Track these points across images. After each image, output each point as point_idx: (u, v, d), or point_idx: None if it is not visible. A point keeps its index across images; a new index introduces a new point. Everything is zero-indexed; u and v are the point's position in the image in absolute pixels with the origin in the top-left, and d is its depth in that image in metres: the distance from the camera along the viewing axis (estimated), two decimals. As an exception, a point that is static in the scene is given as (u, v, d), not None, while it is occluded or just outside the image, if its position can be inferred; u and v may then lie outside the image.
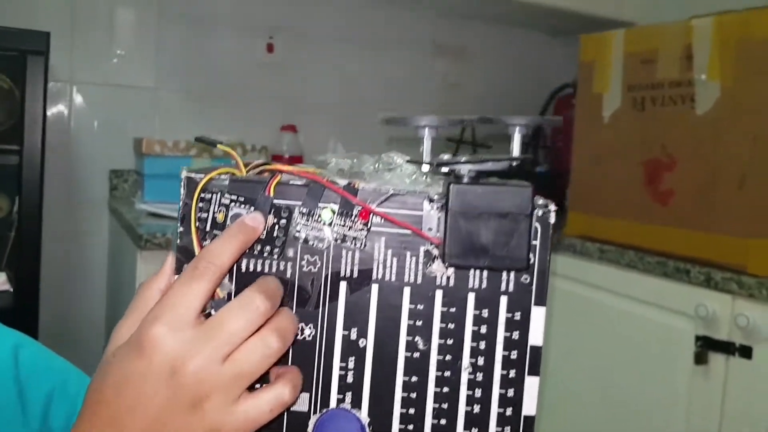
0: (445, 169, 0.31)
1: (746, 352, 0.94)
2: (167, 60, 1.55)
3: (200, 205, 0.34)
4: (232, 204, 0.34)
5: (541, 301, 0.33)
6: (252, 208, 0.33)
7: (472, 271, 0.33)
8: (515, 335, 0.33)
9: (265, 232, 0.33)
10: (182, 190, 0.34)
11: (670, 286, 1.05)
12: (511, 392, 0.33)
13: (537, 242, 0.32)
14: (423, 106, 1.78)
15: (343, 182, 0.34)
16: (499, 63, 1.88)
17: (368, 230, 0.33)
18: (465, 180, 0.30)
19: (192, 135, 1.59)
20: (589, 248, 1.18)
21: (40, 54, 1.16)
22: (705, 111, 1.03)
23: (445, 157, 0.32)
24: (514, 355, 0.33)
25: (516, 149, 0.32)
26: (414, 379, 0.34)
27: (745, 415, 0.94)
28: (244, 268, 0.34)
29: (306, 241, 0.34)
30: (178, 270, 0.33)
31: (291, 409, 0.34)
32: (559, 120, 0.33)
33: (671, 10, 1.23)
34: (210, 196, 0.34)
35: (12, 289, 1.25)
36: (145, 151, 1.39)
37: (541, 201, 0.32)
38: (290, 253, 0.34)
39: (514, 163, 0.31)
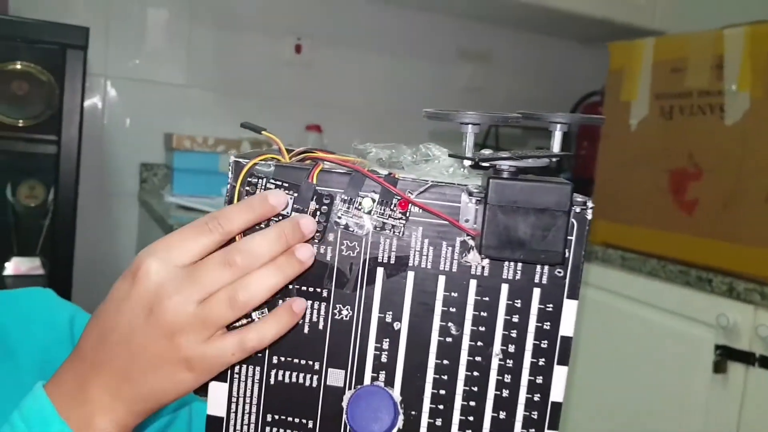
0: (484, 164, 0.33)
1: (765, 362, 0.94)
2: (198, 58, 1.59)
3: (247, 188, 0.35)
4: (277, 189, 0.35)
5: (573, 295, 0.34)
6: (295, 194, 0.35)
7: (506, 263, 0.35)
8: (546, 325, 0.34)
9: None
10: (230, 174, 0.36)
11: (691, 295, 1.05)
12: (540, 379, 0.35)
13: (572, 238, 0.34)
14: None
15: (383, 172, 0.35)
16: (525, 69, 1.89)
17: (407, 219, 0.35)
18: (504, 175, 0.32)
19: (220, 132, 1.62)
20: (611, 255, 1.18)
21: (80, 48, 1.20)
22: (734, 122, 1.03)
23: (487, 152, 0.33)
24: (544, 344, 0.34)
25: (556, 146, 0.34)
26: (445, 362, 0.35)
27: (763, 425, 0.94)
28: None
29: (346, 227, 0.35)
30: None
31: (327, 383, 0.36)
32: (601, 119, 0.34)
33: (701, 19, 1.22)
34: (256, 180, 0.36)
35: (45, 274, 1.29)
36: (175, 146, 1.43)
37: (579, 198, 0.33)
38: (330, 237, 0.35)
39: (554, 160, 0.32)
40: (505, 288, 0.35)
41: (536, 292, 0.34)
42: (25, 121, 1.31)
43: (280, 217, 0.35)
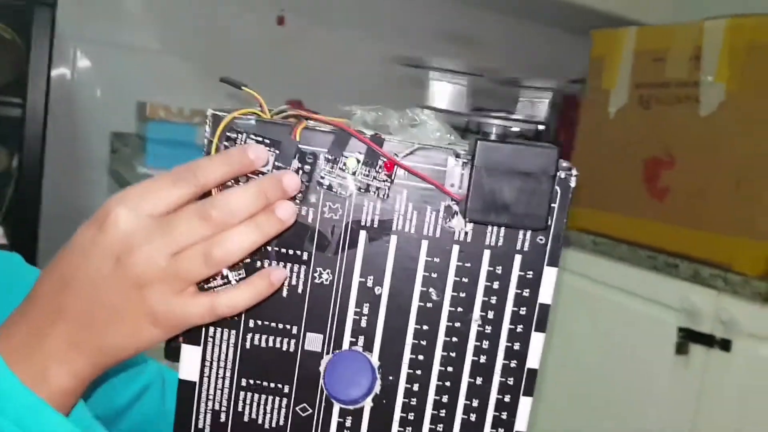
0: (474, 119, 0.32)
1: (726, 345, 0.97)
2: (175, 24, 1.54)
3: (225, 144, 0.34)
4: (257, 144, 0.34)
5: (553, 262, 0.34)
6: (277, 151, 0.34)
7: (489, 229, 0.34)
8: (526, 292, 0.34)
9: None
10: (207, 128, 0.35)
11: (658, 279, 1.07)
12: (517, 345, 0.35)
13: (555, 205, 0.34)
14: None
15: (369, 133, 0.35)
16: (509, 55, 1.89)
17: (392, 182, 0.34)
18: (492, 138, 0.32)
19: (195, 103, 1.58)
20: (583, 240, 1.20)
21: (48, 5, 1.16)
22: (708, 113, 1.05)
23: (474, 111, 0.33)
24: (523, 311, 0.35)
25: (543, 113, 0.33)
26: (425, 327, 0.35)
27: (721, 404, 0.97)
28: None
29: (329, 188, 0.35)
30: None
31: (305, 348, 0.35)
32: (577, 88, 0.34)
33: (686, 11, 1.24)
34: (236, 135, 0.34)
35: (8, 244, 1.25)
36: (149, 116, 1.39)
37: (565, 164, 0.33)
38: (313, 198, 0.35)
39: (540, 127, 0.32)
40: (487, 254, 0.34)
41: (517, 259, 0.34)
42: (-11, 83, 1.26)
43: (259, 175, 0.34)
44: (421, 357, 0.35)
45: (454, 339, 0.35)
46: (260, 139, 0.34)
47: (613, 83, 1.21)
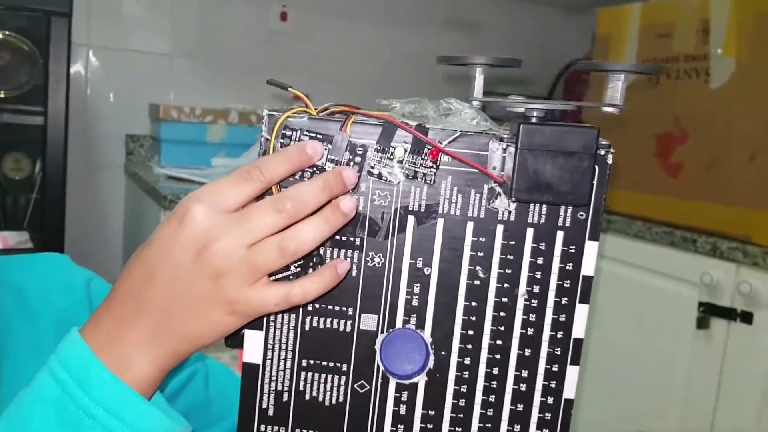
0: (513, 111, 0.34)
1: (747, 317, 0.98)
2: (181, 27, 1.56)
3: (281, 141, 0.36)
4: (313, 140, 0.36)
5: (594, 236, 0.36)
6: (330, 146, 0.36)
7: (531, 207, 0.36)
8: (569, 266, 0.36)
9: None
10: (263, 128, 0.37)
11: (676, 255, 1.09)
12: (563, 317, 0.37)
13: (594, 182, 0.36)
14: (432, 80, 1.80)
15: (413, 123, 0.36)
16: (510, 38, 1.90)
17: (437, 168, 0.36)
18: (533, 120, 0.33)
19: (206, 102, 1.60)
20: (598, 218, 1.22)
21: (64, 15, 1.18)
22: (719, 85, 1.06)
23: (517, 98, 0.35)
24: (567, 284, 0.37)
25: (619, 98, 0.35)
26: (474, 304, 0.37)
27: (743, 377, 0.99)
28: None
29: (379, 176, 0.37)
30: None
31: (360, 328, 0.37)
32: (663, 68, 0.35)
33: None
34: (290, 133, 0.36)
35: (34, 248, 1.28)
36: (162, 117, 1.41)
37: (604, 142, 0.35)
38: (363, 187, 0.37)
39: (571, 108, 0.34)
40: (530, 232, 0.36)
41: (560, 235, 0.36)
42: (8, 92, 1.28)
43: (315, 168, 0.36)
44: (471, 332, 0.37)
45: (502, 314, 0.37)
46: (313, 135, 0.36)
47: (621, 60, 1.22)
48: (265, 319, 0.38)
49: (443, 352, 0.37)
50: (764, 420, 0.96)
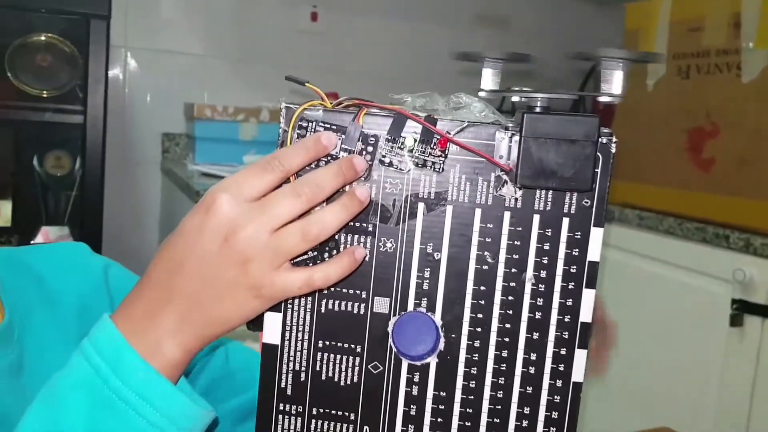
0: (515, 100, 0.35)
1: (782, 315, 0.96)
2: (215, 28, 1.60)
3: (298, 132, 0.38)
4: (327, 131, 0.38)
5: (599, 223, 0.37)
6: (343, 136, 0.38)
7: (537, 195, 0.37)
8: (575, 252, 0.37)
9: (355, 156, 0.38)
10: (281, 120, 0.39)
11: (708, 252, 1.07)
12: (570, 302, 0.38)
13: (598, 170, 0.36)
14: (463, 76, 1.80)
15: (423, 115, 0.38)
16: (540, 33, 1.88)
17: (446, 157, 0.38)
18: (537, 110, 0.34)
19: (239, 100, 1.64)
20: (628, 215, 1.21)
21: (103, 18, 1.23)
22: (751, 79, 1.04)
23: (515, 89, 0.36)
24: (573, 269, 0.37)
25: (618, 87, 0.35)
26: (482, 288, 0.38)
27: (779, 375, 0.97)
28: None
29: (390, 165, 0.38)
30: None
31: (374, 310, 0.39)
32: (661, 56, 0.36)
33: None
34: (306, 124, 0.38)
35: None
36: (196, 116, 1.45)
37: (605, 130, 0.36)
38: (375, 176, 0.38)
39: (571, 98, 0.34)
40: (536, 218, 0.37)
41: (565, 221, 0.37)
42: (50, 92, 1.34)
43: (329, 158, 0.38)
44: (480, 315, 0.38)
45: (510, 298, 0.38)
46: (328, 126, 0.38)
47: (652, 56, 1.20)
48: (283, 302, 0.40)
49: (453, 335, 0.39)
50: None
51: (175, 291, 0.37)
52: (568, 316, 0.38)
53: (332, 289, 0.39)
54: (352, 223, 0.39)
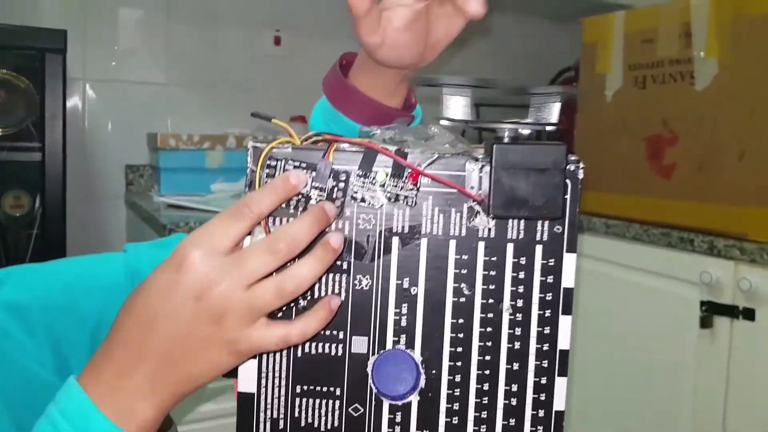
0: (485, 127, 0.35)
1: (749, 314, 0.98)
2: (177, 56, 1.58)
3: (267, 171, 0.38)
4: (296, 169, 0.37)
5: (572, 248, 0.37)
6: (314, 173, 0.37)
7: (510, 223, 0.37)
8: (550, 279, 0.37)
9: (325, 194, 0.37)
10: (249, 159, 0.38)
11: (675, 256, 1.09)
12: (547, 330, 0.37)
13: (567, 196, 0.37)
14: (427, 96, 1.82)
15: (393, 148, 0.38)
16: (501, 50, 1.92)
17: (418, 190, 0.37)
18: (505, 140, 0.35)
19: (203, 129, 1.61)
20: (595, 224, 1.22)
21: (58, 52, 1.20)
22: (704, 87, 1.07)
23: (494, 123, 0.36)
24: (549, 296, 0.37)
25: (554, 115, 0.36)
26: (461, 321, 0.38)
27: (750, 374, 0.99)
28: None
29: (362, 200, 0.38)
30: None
31: (352, 351, 0.38)
32: (497, 81, 0.37)
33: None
34: (275, 163, 0.38)
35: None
36: (160, 146, 1.43)
37: (572, 158, 0.36)
38: (347, 212, 0.38)
39: (548, 128, 0.35)
40: (510, 247, 0.37)
41: (538, 249, 0.37)
42: (5, 130, 1.30)
43: (300, 196, 0.37)
44: (460, 349, 0.38)
45: (489, 329, 0.38)
46: (297, 164, 0.37)
47: (608, 67, 1.23)
48: (258, 347, 0.39)
49: (434, 371, 0.38)
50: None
51: (147, 350, 0.35)
52: (547, 344, 0.38)
53: (309, 331, 0.38)
54: (326, 262, 0.38)
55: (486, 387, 0.38)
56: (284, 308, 0.38)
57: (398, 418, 0.38)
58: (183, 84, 1.60)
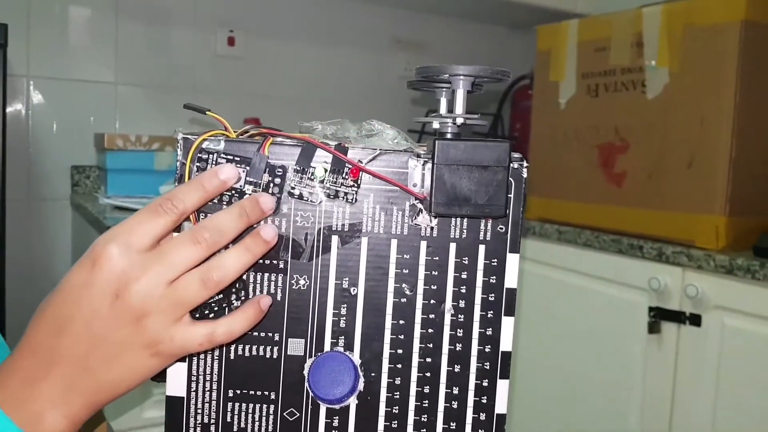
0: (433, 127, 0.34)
1: (696, 320, 1.00)
2: (127, 55, 1.54)
3: (197, 165, 0.36)
4: (227, 163, 0.36)
5: (515, 249, 0.36)
6: (248, 168, 0.36)
7: (453, 222, 0.36)
8: (492, 279, 0.36)
9: (260, 189, 0.36)
10: (178, 152, 0.36)
11: (624, 262, 1.11)
12: (489, 331, 0.37)
13: (511, 195, 0.36)
14: (384, 99, 1.82)
15: (333, 143, 0.36)
16: (458, 56, 1.93)
17: (358, 187, 0.36)
18: (448, 137, 0.34)
19: (153, 130, 1.57)
20: (547, 230, 1.24)
21: (-1, 46, 1.14)
22: (655, 95, 1.10)
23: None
24: (492, 297, 0.36)
25: (459, 107, 0.35)
26: (402, 322, 0.36)
27: (696, 378, 1.01)
28: None
29: (300, 197, 0.36)
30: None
31: (288, 353, 0.36)
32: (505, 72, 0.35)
33: (624, 3, 1.29)
34: (207, 156, 0.36)
35: (-27, 287, 1.22)
36: (107, 146, 1.38)
37: (516, 155, 0.35)
38: (284, 209, 0.36)
39: (458, 121, 0.34)
40: (453, 247, 0.36)
41: (481, 249, 0.36)
42: (-59, 127, 1.23)
43: (234, 191, 0.36)
44: (400, 351, 0.37)
45: (430, 330, 0.37)
46: (231, 157, 0.35)
47: (561, 75, 1.25)
48: (187, 350, 0.36)
49: (373, 374, 0.37)
50: (719, 419, 0.98)
51: (60, 355, 0.33)
52: (489, 346, 0.37)
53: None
54: (262, 261, 0.36)
55: (426, 390, 0.37)
56: (216, 310, 0.36)
57: (336, 423, 0.37)
58: (132, 83, 1.55)
